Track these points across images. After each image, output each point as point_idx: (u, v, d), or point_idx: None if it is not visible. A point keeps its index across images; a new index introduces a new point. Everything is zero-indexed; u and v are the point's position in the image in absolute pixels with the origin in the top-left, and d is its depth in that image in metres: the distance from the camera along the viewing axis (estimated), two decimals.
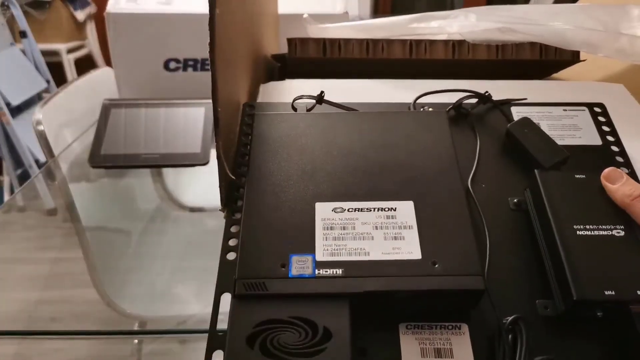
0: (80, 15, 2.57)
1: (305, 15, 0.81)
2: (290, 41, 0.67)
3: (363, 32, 0.72)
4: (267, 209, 0.39)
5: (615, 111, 0.51)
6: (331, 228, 0.38)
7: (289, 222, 0.38)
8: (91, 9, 2.65)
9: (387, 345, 0.36)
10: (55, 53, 2.43)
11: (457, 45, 0.67)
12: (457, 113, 0.50)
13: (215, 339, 0.34)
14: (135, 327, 0.43)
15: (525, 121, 0.48)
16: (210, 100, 0.43)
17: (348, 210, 0.39)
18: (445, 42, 0.67)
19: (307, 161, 0.42)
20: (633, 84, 0.69)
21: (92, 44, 2.71)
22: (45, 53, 2.13)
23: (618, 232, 0.38)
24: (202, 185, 0.70)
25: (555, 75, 0.82)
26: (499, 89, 0.53)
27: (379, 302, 0.36)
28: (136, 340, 0.43)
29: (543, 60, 0.68)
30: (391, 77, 0.75)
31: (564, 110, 0.52)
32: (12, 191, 1.78)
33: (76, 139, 0.90)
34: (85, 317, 0.50)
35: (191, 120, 0.77)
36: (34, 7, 2.39)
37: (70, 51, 2.52)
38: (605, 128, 0.50)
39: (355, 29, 0.75)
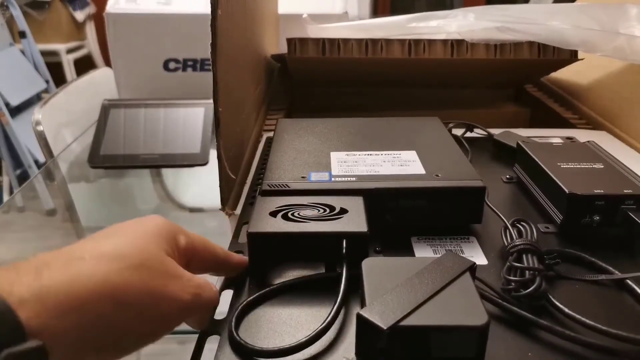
0: (79, 15, 2.57)
1: (304, 15, 0.81)
2: (290, 41, 0.67)
3: (362, 32, 0.72)
4: (289, 151, 0.47)
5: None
6: (345, 162, 0.45)
7: (308, 160, 0.45)
8: (90, 9, 2.65)
9: (401, 249, 0.39)
10: (54, 53, 2.43)
11: (455, 44, 0.67)
12: None
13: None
14: None
15: (507, 133, 0.58)
16: (210, 101, 0.43)
17: (359, 155, 0.46)
18: (444, 41, 0.67)
19: (322, 135, 0.51)
20: (630, 83, 0.69)
21: (91, 44, 2.71)
22: (44, 53, 2.13)
23: (598, 166, 0.45)
24: (201, 186, 0.70)
25: (553, 74, 0.82)
26: None
27: (390, 207, 0.40)
28: None
29: (541, 60, 0.68)
30: (390, 76, 0.75)
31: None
32: (11, 191, 1.78)
33: (75, 139, 0.90)
34: None
35: (191, 121, 0.77)
36: (33, 8, 2.39)
37: (69, 51, 2.52)
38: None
39: (354, 28, 0.75)
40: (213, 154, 0.72)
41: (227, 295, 0.35)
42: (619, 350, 0.29)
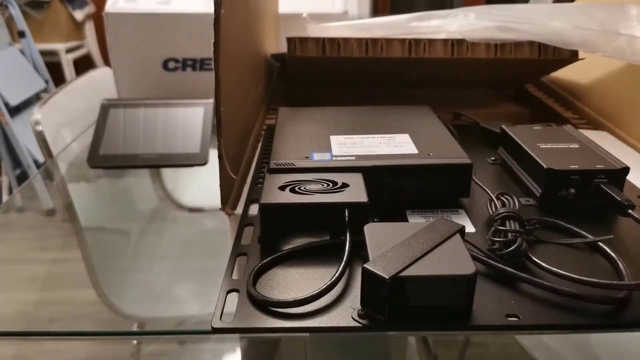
0: (78, 15, 2.56)
1: (304, 15, 0.81)
2: (290, 40, 0.67)
3: (362, 31, 0.72)
4: (292, 135, 0.51)
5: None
6: (344, 144, 0.49)
7: (310, 142, 0.49)
8: (90, 8, 2.65)
9: (397, 221, 0.41)
10: (53, 53, 2.42)
11: (456, 44, 0.67)
12: None
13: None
14: (134, 328, 0.43)
15: (491, 120, 0.63)
16: (209, 100, 0.43)
17: (356, 138, 0.50)
18: (445, 41, 0.67)
19: (322, 122, 0.55)
20: (631, 83, 0.69)
21: (90, 43, 2.71)
22: (43, 53, 2.13)
23: (574, 146, 0.49)
24: (201, 186, 0.70)
25: (553, 74, 0.82)
26: None
27: (386, 183, 0.44)
28: (135, 341, 0.43)
29: (542, 59, 0.68)
30: (390, 75, 0.75)
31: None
32: (10, 191, 1.78)
33: (75, 139, 0.90)
34: (84, 318, 0.50)
35: (190, 120, 0.77)
36: (32, 7, 2.39)
37: (68, 51, 2.52)
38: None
39: (354, 28, 0.75)
40: (213, 154, 0.72)
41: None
42: (589, 296, 0.33)
